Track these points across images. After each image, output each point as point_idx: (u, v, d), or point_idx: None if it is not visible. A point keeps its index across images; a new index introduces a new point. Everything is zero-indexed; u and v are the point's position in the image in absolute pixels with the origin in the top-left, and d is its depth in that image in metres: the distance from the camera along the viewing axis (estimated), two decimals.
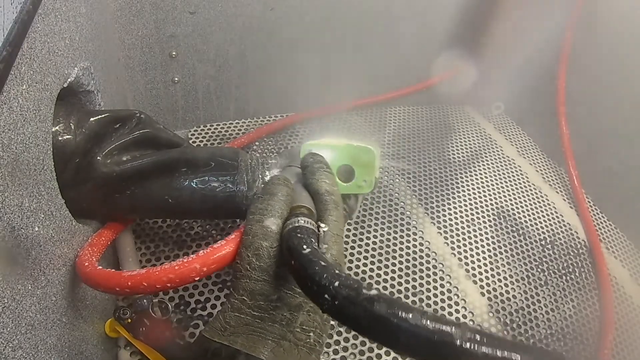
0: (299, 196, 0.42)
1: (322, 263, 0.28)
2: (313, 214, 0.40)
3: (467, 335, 0.21)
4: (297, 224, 0.36)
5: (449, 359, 0.21)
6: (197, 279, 0.38)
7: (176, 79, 0.83)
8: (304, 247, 0.31)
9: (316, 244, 0.35)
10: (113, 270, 0.40)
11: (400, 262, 0.72)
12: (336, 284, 0.26)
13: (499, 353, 0.21)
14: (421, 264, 0.72)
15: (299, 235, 0.34)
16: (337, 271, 0.27)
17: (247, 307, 0.36)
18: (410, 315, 0.22)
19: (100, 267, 0.41)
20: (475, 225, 0.82)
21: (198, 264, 0.37)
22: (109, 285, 0.39)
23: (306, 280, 0.28)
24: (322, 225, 0.38)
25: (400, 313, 0.23)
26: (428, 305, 0.67)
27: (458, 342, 0.21)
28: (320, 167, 0.44)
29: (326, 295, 0.26)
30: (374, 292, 0.24)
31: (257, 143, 0.89)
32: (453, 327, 0.22)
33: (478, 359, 0.21)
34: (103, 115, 0.48)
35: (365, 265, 0.70)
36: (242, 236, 0.38)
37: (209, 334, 0.36)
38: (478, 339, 0.21)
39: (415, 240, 0.76)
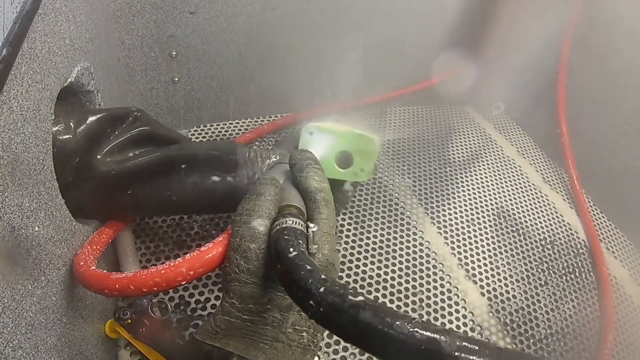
0: (288, 195, 0.41)
1: (308, 267, 0.28)
2: (302, 212, 0.39)
3: (456, 344, 0.20)
4: (284, 225, 0.35)
5: None
6: (184, 283, 0.37)
7: (176, 79, 0.83)
8: (290, 250, 0.30)
9: (304, 245, 0.34)
10: (104, 271, 0.40)
11: (400, 262, 0.72)
12: (321, 289, 0.25)
13: None
14: (421, 264, 0.72)
15: (285, 237, 0.33)
16: (322, 276, 0.26)
17: (237, 311, 0.36)
18: (397, 323, 0.21)
19: (93, 268, 0.40)
20: (475, 225, 0.82)
21: (184, 267, 0.36)
22: (98, 286, 0.39)
23: (291, 285, 0.28)
24: (312, 225, 0.37)
25: (386, 320, 0.22)
26: (428, 305, 0.67)
27: (447, 351, 0.20)
28: (308, 163, 0.43)
29: (311, 301, 0.25)
30: (360, 298, 0.23)
31: (257, 143, 0.89)
32: (442, 335, 0.21)
33: None
34: (101, 114, 0.48)
35: (365, 265, 0.70)
36: (229, 238, 0.38)
37: (201, 336, 0.35)
38: (468, 348, 0.20)
39: (415, 240, 0.76)
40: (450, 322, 0.66)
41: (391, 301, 0.66)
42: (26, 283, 0.32)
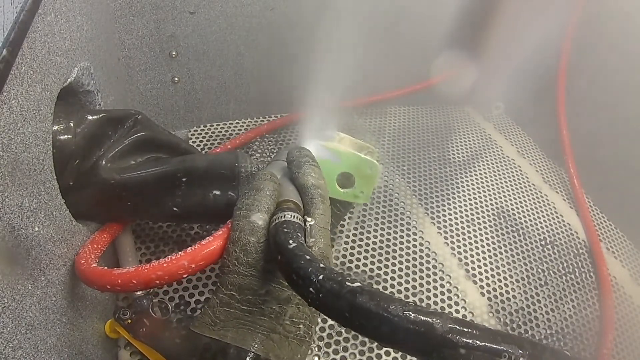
0: (286, 190, 0.42)
1: (307, 257, 0.29)
2: (300, 207, 0.40)
3: (447, 325, 0.21)
4: (283, 219, 0.36)
5: (431, 349, 0.22)
6: (185, 275, 0.38)
7: (176, 79, 0.83)
8: (290, 241, 0.32)
9: (303, 238, 0.35)
10: (105, 268, 0.40)
11: (400, 262, 0.72)
12: (320, 277, 0.26)
13: (480, 343, 0.21)
14: (421, 264, 0.72)
15: (285, 230, 0.34)
16: (321, 265, 0.27)
17: (236, 302, 0.36)
18: (392, 307, 0.22)
19: (94, 265, 0.41)
20: (475, 225, 0.82)
21: (186, 260, 0.37)
22: (100, 282, 0.39)
23: (292, 274, 0.29)
24: (309, 219, 0.38)
25: (382, 304, 0.23)
26: (428, 305, 0.67)
27: (439, 332, 0.21)
28: (306, 160, 0.44)
29: (311, 289, 0.26)
30: (357, 284, 0.24)
31: (257, 143, 0.89)
32: (435, 318, 0.22)
33: (460, 349, 0.21)
34: (100, 115, 0.48)
35: (365, 265, 0.70)
36: (229, 232, 0.38)
37: (199, 329, 0.36)
38: (460, 329, 0.21)
39: (415, 240, 0.76)
40: None
41: None
42: (26, 283, 0.32)
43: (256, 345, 0.35)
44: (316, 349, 0.58)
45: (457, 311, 0.67)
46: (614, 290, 0.78)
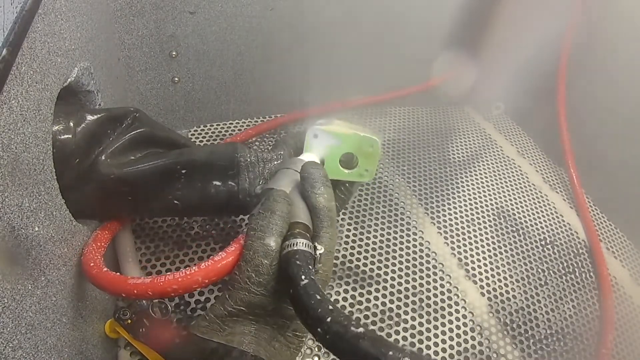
0: (297, 210, 0.42)
1: (318, 297, 0.31)
2: (310, 230, 0.41)
3: None
4: (295, 247, 0.37)
5: None
6: (198, 289, 0.40)
7: (176, 79, 0.83)
8: (302, 277, 0.34)
9: (313, 270, 0.37)
10: (118, 274, 0.41)
11: (400, 262, 0.72)
12: (328, 319, 0.29)
13: None
14: (421, 264, 0.72)
15: (297, 263, 0.36)
16: (330, 307, 0.30)
17: (244, 314, 0.38)
18: (391, 353, 0.25)
19: (106, 270, 0.41)
20: (475, 225, 0.82)
21: (200, 276, 0.39)
22: (114, 290, 0.40)
23: (303, 311, 0.31)
24: (319, 247, 0.40)
25: (382, 350, 0.25)
26: (428, 305, 0.67)
27: None
28: (320, 180, 0.44)
29: (319, 329, 0.29)
30: (360, 330, 0.27)
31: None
32: None
33: None
34: (99, 115, 0.48)
35: (365, 265, 0.70)
36: (242, 249, 0.40)
37: (208, 335, 0.37)
38: None
39: (415, 240, 0.76)
40: (450, 322, 0.66)
41: (391, 301, 0.66)
42: (26, 283, 0.32)
43: (261, 351, 0.37)
44: (316, 349, 0.58)
45: (457, 311, 0.67)
46: (614, 290, 0.78)
